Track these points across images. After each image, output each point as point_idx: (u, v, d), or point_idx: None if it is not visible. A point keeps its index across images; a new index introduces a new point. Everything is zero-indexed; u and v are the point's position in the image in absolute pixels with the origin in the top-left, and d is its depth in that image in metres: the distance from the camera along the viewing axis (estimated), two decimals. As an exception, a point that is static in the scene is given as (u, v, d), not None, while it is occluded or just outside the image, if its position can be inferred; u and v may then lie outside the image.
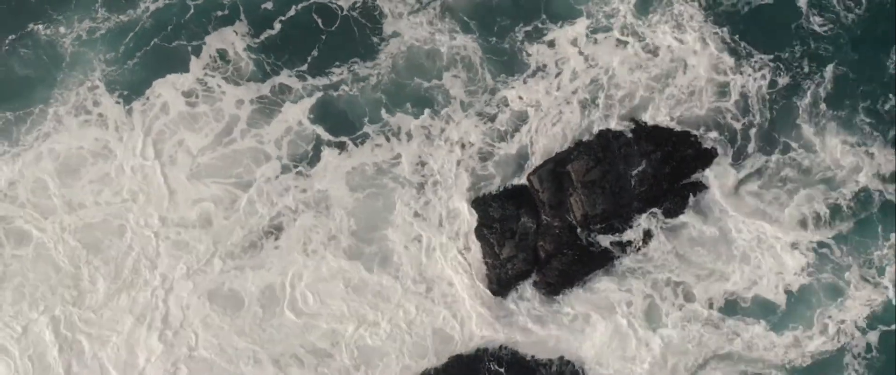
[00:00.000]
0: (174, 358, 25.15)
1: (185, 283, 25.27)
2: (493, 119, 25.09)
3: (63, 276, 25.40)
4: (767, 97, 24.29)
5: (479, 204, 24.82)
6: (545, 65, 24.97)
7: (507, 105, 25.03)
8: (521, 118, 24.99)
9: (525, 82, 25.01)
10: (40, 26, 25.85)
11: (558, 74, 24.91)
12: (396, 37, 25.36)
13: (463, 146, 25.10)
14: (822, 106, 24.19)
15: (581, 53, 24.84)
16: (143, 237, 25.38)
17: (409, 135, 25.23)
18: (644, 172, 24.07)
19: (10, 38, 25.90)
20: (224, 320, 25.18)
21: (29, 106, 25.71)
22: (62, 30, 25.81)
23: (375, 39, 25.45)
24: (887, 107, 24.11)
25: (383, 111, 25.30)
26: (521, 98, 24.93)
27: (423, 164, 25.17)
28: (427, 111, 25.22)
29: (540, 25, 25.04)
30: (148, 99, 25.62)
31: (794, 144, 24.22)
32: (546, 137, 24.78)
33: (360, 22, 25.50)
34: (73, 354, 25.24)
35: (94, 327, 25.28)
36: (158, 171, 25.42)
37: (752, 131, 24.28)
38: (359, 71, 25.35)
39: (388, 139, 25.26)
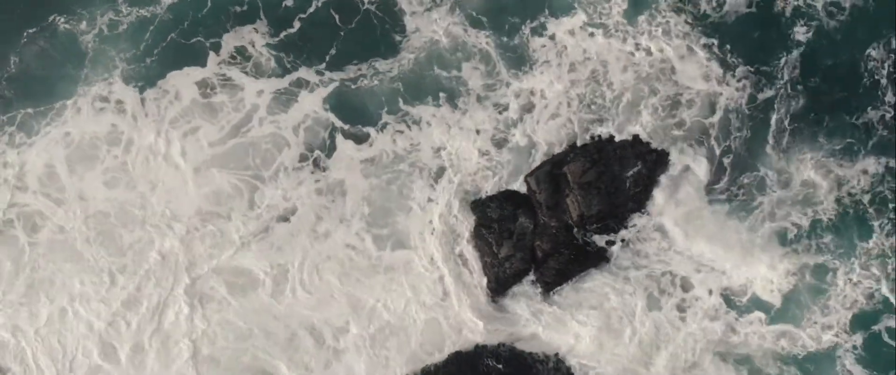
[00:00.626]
0: (188, 340, 25.35)
1: (200, 266, 25.47)
2: (506, 109, 25.25)
3: (77, 263, 25.50)
4: (747, 111, 24.33)
5: (477, 205, 25.07)
6: (548, 60, 25.17)
7: (516, 97, 25.19)
8: (528, 109, 25.19)
9: (532, 76, 25.20)
10: (61, 19, 25.81)
11: (559, 65, 25.07)
12: (415, 32, 25.59)
13: (477, 132, 25.26)
14: (801, 118, 24.29)
15: (579, 46, 24.97)
16: (159, 224, 25.55)
17: (429, 124, 25.41)
18: (639, 173, 24.30)
19: (30, 30, 25.78)
20: (239, 300, 25.33)
21: (50, 102, 25.76)
22: (84, 25, 25.83)
23: (394, 35, 25.69)
24: (862, 119, 24.21)
25: (401, 101, 25.51)
26: (528, 91, 25.15)
27: (440, 149, 25.36)
28: (444, 98, 25.40)
29: (542, 20, 25.27)
30: (163, 89, 25.73)
31: (771, 158, 24.29)
32: (546, 131, 24.92)
33: (379, 16, 25.71)
34: (86, 340, 25.38)
35: (108, 312, 25.44)
36: (176, 159, 25.60)
37: (733, 148, 24.37)
38: (378, 66, 25.58)
39: (408, 127, 25.43)
